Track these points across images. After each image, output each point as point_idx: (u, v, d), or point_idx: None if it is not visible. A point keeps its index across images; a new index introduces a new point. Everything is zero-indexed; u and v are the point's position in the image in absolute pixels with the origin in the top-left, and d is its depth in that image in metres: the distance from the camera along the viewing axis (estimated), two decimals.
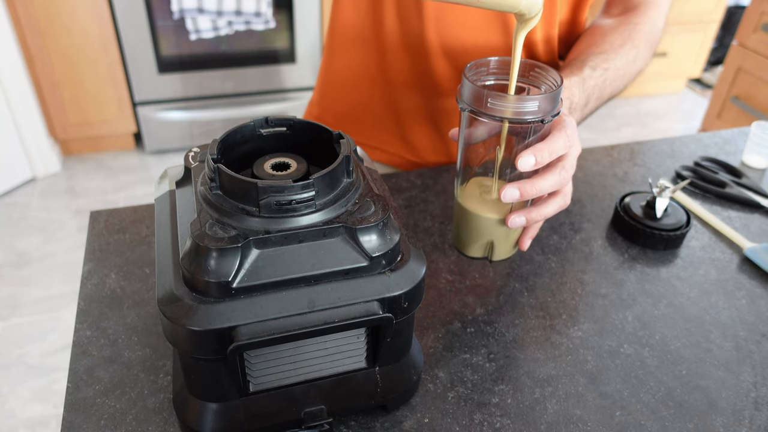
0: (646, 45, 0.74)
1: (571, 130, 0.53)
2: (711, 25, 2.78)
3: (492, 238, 0.59)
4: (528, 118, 0.50)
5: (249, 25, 2.15)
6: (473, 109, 0.51)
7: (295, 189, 0.41)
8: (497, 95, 0.50)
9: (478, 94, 0.50)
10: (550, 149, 0.51)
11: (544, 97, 0.49)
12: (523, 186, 0.52)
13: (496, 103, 0.49)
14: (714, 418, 0.51)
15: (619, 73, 0.70)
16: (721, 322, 0.61)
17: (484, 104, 0.50)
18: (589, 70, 0.66)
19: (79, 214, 2.07)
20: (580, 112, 0.65)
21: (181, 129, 2.34)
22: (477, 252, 0.61)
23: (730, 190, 0.79)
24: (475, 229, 0.58)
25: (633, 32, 0.73)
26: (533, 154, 0.50)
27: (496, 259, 0.61)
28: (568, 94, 0.62)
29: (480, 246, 0.60)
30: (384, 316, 0.41)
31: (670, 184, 0.73)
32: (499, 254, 0.61)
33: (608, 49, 0.70)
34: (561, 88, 0.51)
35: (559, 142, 0.52)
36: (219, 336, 0.39)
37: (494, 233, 0.58)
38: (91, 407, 0.50)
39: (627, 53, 0.71)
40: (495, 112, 0.50)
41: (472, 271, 0.65)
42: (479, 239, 0.59)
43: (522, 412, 0.51)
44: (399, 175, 0.80)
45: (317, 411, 0.46)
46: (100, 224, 0.71)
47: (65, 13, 2.01)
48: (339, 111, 0.87)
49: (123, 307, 0.60)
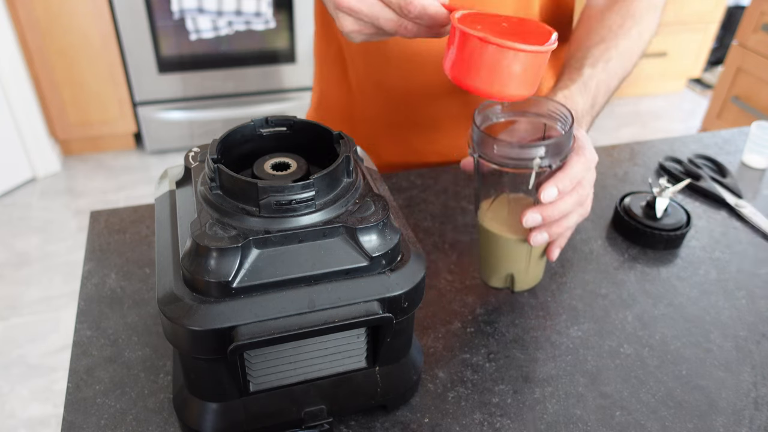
0: (648, 15, 0.70)
1: (588, 150, 0.53)
2: (711, 25, 2.78)
3: (515, 263, 0.59)
4: (536, 163, 0.50)
5: (249, 25, 2.15)
6: (481, 155, 0.51)
7: (295, 189, 0.41)
8: (503, 143, 0.49)
9: (485, 141, 0.50)
10: (570, 176, 0.51)
11: (552, 143, 0.49)
12: (545, 210, 0.52)
13: (502, 150, 0.49)
14: (714, 418, 0.51)
15: (624, 57, 0.67)
16: (721, 322, 0.61)
17: (491, 150, 0.50)
18: (589, 68, 0.64)
19: (79, 214, 2.07)
20: (588, 115, 0.63)
21: (181, 129, 2.34)
22: (498, 282, 0.61)
23: (703, 184, 0.80)
24: (497, 251, 0.58)
25: (631, 7, 0.70)
26: (555, 185, 0.50)
27: (518, 290, 0.62)
28: (572, 104, 0.60)
29: (501, 276, 0.61)
30: (384, 316, 0.41)
31: (670, 184, 0.73)
32: (521, 283, 0.61)
33: (607, 35, 0.67)
34: (572, 129, 0.50)
35: (578, 166, 0.52)
36: (219, 336, 0.39)
37: (517, 256, 0.58)
38: (92, 407, 0.50)
39: (628, 33, 0.68)
40: (502, 159, 0.50)
41: (472, 270, 0.65)
42: (501, 263, 0.59)
43: (522, 412, 0.51)
44: (399, 175, 0.80)
45: (317, 411, 0.46)
46: (100, 224, 0.71)
47: (65, 13, 2.01)
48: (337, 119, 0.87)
49: (123, 307, 0.60)
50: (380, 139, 0.85)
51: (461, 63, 0.47)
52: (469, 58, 0.47)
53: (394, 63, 0.76)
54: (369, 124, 0.84)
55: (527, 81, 0.48)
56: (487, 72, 0.46)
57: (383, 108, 0.82)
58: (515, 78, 0.47)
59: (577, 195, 0.53)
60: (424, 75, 0.76)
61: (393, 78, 0.78)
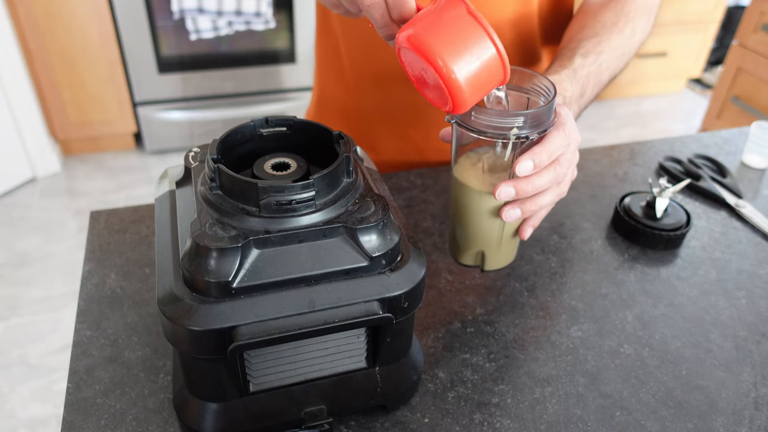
0: (642, 16, 0.71)
1: (569, 126, 0.52)
2: (711, 25, 2.78)
3: (486, 238, 0.57)
4: (513, 133, 0.48)
5: (249, 25, 2.15)
6: (459, 121, 0.50)
7: (295, 189, 0.41)
8: (481, 110, 0.48)
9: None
10: (548, 151, 0.50)
11: (532, 113, 0.48)
12: (518, 184, 0.50)
13: (481, 117, 0.48)
14: (714, 418, 0.51)
15: (617, 53, 0.67)
16: (721, 322, 0.61)
17: (468, 117, 0.49)
18: (580, 58, 0.64)
19: (79, 214, 2.07)
20: (576, 104, 0.63)
21: (181, 129, 2.34)
22: (468, 259, 0.60)
23: (703, 184, 0.80)
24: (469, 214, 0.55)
25: (626, 6, 0.70)
26: (531, 158, 0.49)
27: (488, 269, 0.60)
28: (560, 90, 0.60)
29: (472, 252, 0.59)
30: (384, 316, 0.41)
31: (670, 184, 0.73)
32: (492, 262, 0.60)
33: (600, 30, 0.68)
34: (554, 100, 0.49)
35: (556, 141, 0.51)
36: (219, 336, 0.39)
37: (488, 228, 0.56)
38: (92, 407, 0.50)
39: (622, 30, 0.68)
40: (480, 126, 0.48)
41: (472, 271, 0.65)
42: (472, 233, 0.57)
43: (522, 412, 0.51)
44: (399, 175, 0.80)
45: (317, 411, 0.46)
46: (100, 224, 0.71)
47: (65, 13, 2.01)
48: (337, 117, 0.87)
49: (123, 307, 0.60)
50: (380, 134, 0.85)
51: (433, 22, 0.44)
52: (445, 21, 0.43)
53: (392, 56, 0.76)
54: (368, 119, 0.85)
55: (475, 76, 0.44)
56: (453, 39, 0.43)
57: (382, 103, 0.82)
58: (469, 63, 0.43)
59: (553, 172, 0.51)
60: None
61: (390, 72, 0.78)
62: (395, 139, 0.85)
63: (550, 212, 0.74)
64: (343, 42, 0.81)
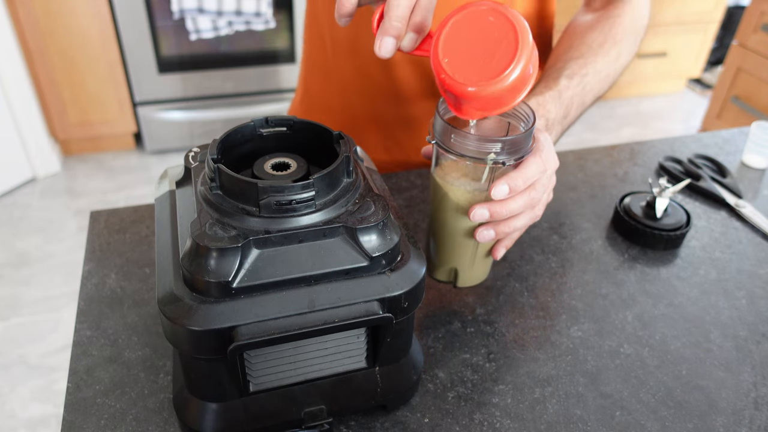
0: (629, 39, 0.72)
1: (546, 152, 0.53)
2: (711, 25, 2.78)
3: (460, 256, 0.57)
4: (491, 158, 0.49)
5: (249, 25, 2.15)
6: (439, 143, 0.51)
7: (295, 189, 0.41)
8: (461, 133, 0.48)
9: (444, 129, 0.50)
10: (524, 176, 0.51)
11: (509, 140, 0.48)
12: (493, 207, 0.51)
13: (460, 141, 0.49)
14: (714, 418, 0.51)
15: (601, 76, 0.69)
16: (721, 322, 0.61)
17: (449, 139, 0.50)
18: (566, 80, 0.65)
19: (79, 214, 2.07)
20: (559, 125, 0.64)
21: (181, 129, 2.34)
22: (442, 275, 0.60)
23: (703, 184, 0.80)
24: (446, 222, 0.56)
25: (613, 27, 0.71)
26: (507, 183, 0.50)
27: (461, 285, 0.60)
28: (543, 111, 0.61)
29: (446, 269, 0.59)
30: (384, 316, 0.41)
31: (670, 184, 0.73)
32: (465, 279, 0.59)
33: (586, 52, 0.69)
34: (532, 128, 0.50)
35: (532, 168, 0.51)
36: (219, 336, 0.39)
37: (462, 247, 0.57)
38: (92, 407, 0.50)
39: (608, 52, 0.69)
40: (459, 149, 0.49)
41: None
42: (447, 249, 0.57)
43: (522, 412, 0.51)
44: (399, 175, 0.81)
45: (317, 411, 0.46)
46: (100, 224, 0.71)
47: (65, 13, 2.01)
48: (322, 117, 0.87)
49: (123, 307, 0.60)
50: (367, 134, 0.85)
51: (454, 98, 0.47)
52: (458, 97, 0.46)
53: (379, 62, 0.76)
54: (355, 118, 0.85)
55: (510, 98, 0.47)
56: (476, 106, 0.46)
57: (368, 102, 0.82)
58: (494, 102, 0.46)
59: (528, 197, 0.53)
60: (404, 71, 0.77)
61: (377, 72, 0.78)
62: (383, 139, 0.85)
63: (550, 212, 0.75)
64: (330, 43, 0.81)
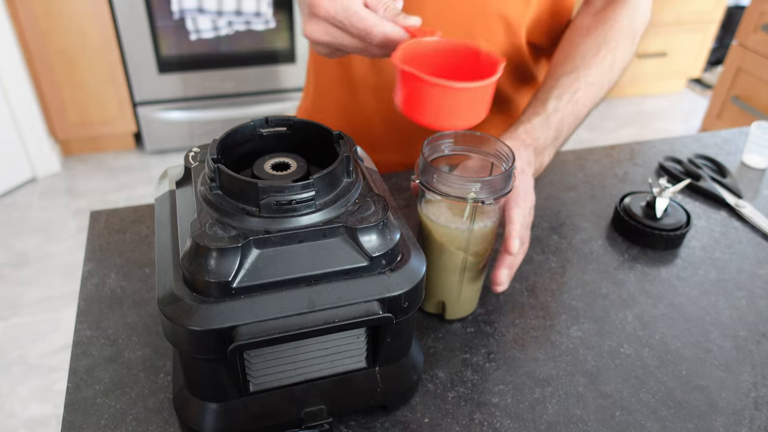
0: (625, 43, 0.72)
1: (523, 200, 0.57)
2: (711, 25, 2.78)
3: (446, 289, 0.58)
4: (471, 197, 0.51)
5: (249, 25, 2.15)
6: (422, 182, 0.53)
7: (295, 189, 0.41)
8: (443, 175, 0.51)
9: (427, 169, 0.52)
10: (525, 224, 0.58)
11: (488, 180, 0.50)
12: (510, 260, 0.58)
13: (442, 181, 0.51)
14: (714, 418, 0.51)
15: (594, 88, 0.69)
16: (721, 322, 0.61)
17: (432, 178, 0.52)
18: (554, 101, 0.66)
19: (79, 214, 2.07)
20: (551, 147, 0.66)
21: (181, 129, 2.34)
22: (431, 307, 0.60)
23: (703, 184, 0.80)
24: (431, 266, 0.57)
25: (610, 32, 0.71)
26: (519, 238, 0.56)
27: (449, 317, 0.60)
28: (531, 140, 0.63)
29: (434, 301, 0.59)
30: (384, 316, 0.41)
31: (670, 184, 0.73)
32: (453, 312, 0.59)
33: (580, 63, 0.69)
34: (511, 169, 0.51)
35: (519, 218, 0.57)
36: (219, 336, 0.39)
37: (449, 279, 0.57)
38: (91, 407, 0.50)
39: (602, 61, 0.70)
40: (441, 189, 0.51)
41: None
42: (434, 282, 0.58)
43: (522, 412, 0.51)
44: (399, 175, 0.81)
45: (317, 411, 0.46)
46: (100, 224, 0.71)
47: (65, 13, 2.01)
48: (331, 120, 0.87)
49: (123, 307, 0.60)
50: (378, 134, 0.85)
51: (407, 99, 0.49)
52: (413, 95, 0.48)
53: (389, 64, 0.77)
54: (368, 119, 0.85)
55: (471, 112, 0.50)
56: (430, 107, 0.48)
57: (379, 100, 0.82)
58: (457, 111, 0.49)
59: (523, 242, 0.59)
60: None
61: (389, 68, 0.79)
62: (394, 140, 0.85)
63: (550, 212, 0.76)
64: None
